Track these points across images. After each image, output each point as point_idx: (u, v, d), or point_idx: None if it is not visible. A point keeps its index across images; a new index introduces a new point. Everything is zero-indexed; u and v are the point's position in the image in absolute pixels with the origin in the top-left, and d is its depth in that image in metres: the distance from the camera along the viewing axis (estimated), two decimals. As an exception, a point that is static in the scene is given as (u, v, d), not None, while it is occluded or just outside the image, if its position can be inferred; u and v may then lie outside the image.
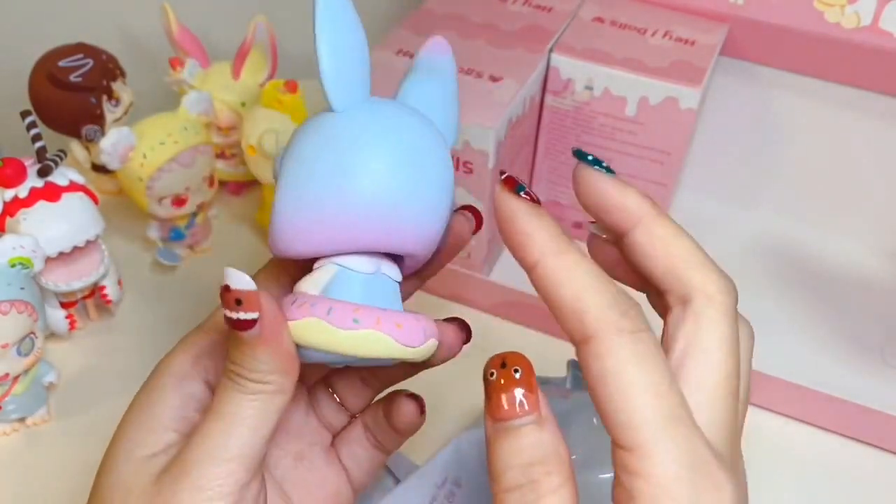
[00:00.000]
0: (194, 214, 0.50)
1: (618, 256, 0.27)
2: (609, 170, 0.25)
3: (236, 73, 0.52)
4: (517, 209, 0.24)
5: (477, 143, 0.41)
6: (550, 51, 0.45)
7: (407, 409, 0.32)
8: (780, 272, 0.50)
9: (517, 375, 0.23)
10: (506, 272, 0.49)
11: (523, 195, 0.24)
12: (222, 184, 0.54)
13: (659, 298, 0.26)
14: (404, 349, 0.26)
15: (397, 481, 0.38)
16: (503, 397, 0.23)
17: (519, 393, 0.23)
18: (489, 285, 0.47)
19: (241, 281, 0.25)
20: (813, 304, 0.48)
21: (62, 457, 0.41)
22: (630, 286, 0.27)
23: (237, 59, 0.52)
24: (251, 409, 0.26)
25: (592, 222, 0.27)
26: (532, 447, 0.23)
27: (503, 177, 0.25)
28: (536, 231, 0.23)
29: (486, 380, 0.24)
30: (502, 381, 0.23)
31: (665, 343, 0.25)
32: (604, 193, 0.25)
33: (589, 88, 0.44)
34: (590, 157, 0.25)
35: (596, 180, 0.25)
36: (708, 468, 0.22)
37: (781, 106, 0.49)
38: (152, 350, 0.45)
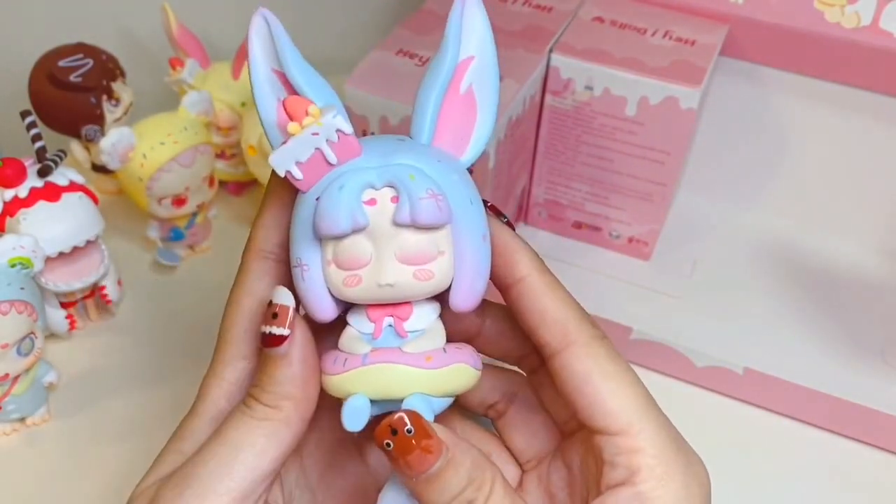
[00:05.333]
0: (194, 214, 0.50)
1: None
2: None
3: (236, 73, 0.52)
4: (503, 232, 0.27)
5: (477, 143, 0.41)
6: (550, 51, 0.45)
7: None
8: (779, 272, 0.50)
9: (411, 434, 0.24)
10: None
11: (505, 222, 0.28)
12: (222, 184, 0.54)
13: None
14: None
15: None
16: (410, 458, 0.24)
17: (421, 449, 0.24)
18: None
19: (281, 296, 0.25)
20: (813, 304, 0.48)
21: (62, 457, 0.41)
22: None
23: (237, 59, 0.52)
24: (258, 437, 0.25)
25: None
26: (456, 478, 0.24)
27: (488, 205, 0.27)
28: (522, 251, 0.27)
29: (385, 451, 0.24)
30: (402, 447, 0.24)
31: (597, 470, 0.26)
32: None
33: (589, 88, 0.44)
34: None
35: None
36: (684, 443, 0.26)
37: (781, 106, 0.49)
38: (152, 350, 0.46)
